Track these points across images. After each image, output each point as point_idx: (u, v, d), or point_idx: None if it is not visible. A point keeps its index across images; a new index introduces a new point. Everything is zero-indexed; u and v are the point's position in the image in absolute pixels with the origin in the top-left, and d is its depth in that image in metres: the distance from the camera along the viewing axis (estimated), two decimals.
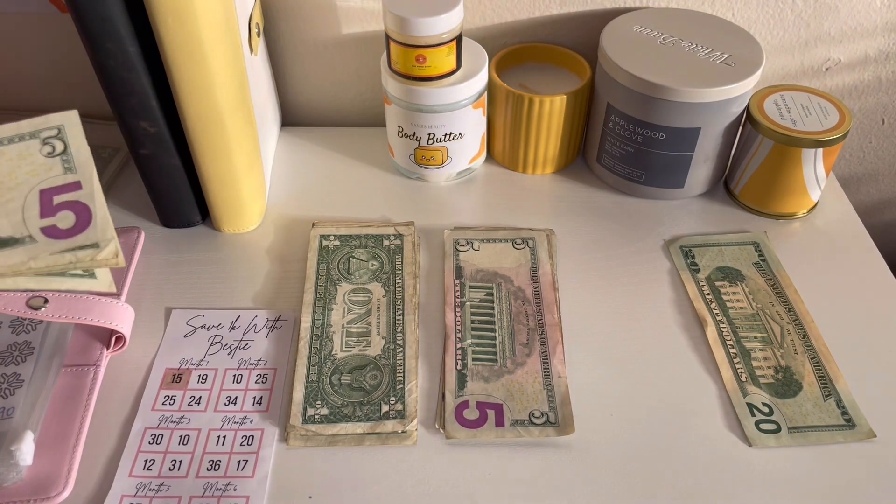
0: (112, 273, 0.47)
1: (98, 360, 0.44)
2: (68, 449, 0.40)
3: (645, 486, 0.39)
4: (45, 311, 0.42)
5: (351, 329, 0.46)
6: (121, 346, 0.45)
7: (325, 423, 0.41)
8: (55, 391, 0.42)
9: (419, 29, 0.47)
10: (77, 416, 0.41)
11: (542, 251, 0.51)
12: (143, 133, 0.46)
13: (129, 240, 0.51)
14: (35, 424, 0.40)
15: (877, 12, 0.57)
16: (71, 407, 0.42)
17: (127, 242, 0.51)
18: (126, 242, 0.51)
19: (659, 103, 0.49)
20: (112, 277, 0.40)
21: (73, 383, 0.43)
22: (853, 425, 0.41)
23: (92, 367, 0.43)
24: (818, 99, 0.52)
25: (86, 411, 0.42)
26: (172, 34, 0.41)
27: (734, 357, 0.45)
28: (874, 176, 0.70)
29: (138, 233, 0.52)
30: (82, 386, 0.43)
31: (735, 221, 0.54)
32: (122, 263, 0.37)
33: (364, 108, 0.64)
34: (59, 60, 0.59)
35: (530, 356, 0.45)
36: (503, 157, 0.58)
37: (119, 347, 0.45)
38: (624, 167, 0.54)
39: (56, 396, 0.42)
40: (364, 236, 0.52)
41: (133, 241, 0.51)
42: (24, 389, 0.41)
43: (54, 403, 0.42)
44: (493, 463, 0.40)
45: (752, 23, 0.57)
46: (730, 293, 0.49)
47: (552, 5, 0.57)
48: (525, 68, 0.58)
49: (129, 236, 0.51)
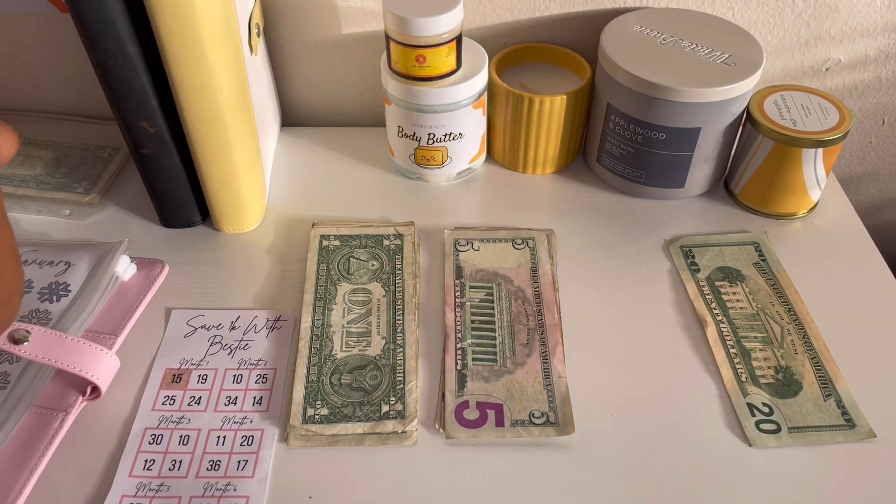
0: (124, 305, 0.47)
1: (69, 407, 0.41)
2: (9, 499, 0.37)
3: (645, 486, 0.39)
4: (26, 347, 0.40)
5: (351, 329, 0.46)
6: (96, 395, 0.42)
7: (325, 424, 0.41)
8: (16, 432, 0.40)
9: (419, 29, 0.47)
10: (29, 464, 0.39)
11: (542, 251, 0.51)
12: (143, 133, 0.46)
13: (152, 273, 0.49)
14: None
15: (877, 12, 0.57)
16: (26, 451, 0.39)
17: (148, 275, 0.49)
18: (148, 275, 0.49)
19: (659, 103, 0.49)
20: None
21: (37, 427, 0.40)
22: (853, 425, 0.41)
23: (61, 413, 0.41)
24: (818, 99, 0.52)
25: (39, 461, 0.39)
26: (172, 34, 0.41)
27: (734, 357, 0.45)
28: (874, 176, 0.70)
29: (161, 266, 0.50)
30: (45, 431, 0.40)
31: (735, 221, 0.54)
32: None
33: (364, 108, 0.64)
34: (59, 60, 0.59)
35: (530, 356, 0.45)
36: (503, 157, 0.58)
37: (95, 397, 0.42)
38: (624, 167, 0.54)
39: (16, 436, 0.40)
40: (364, 236, 0.52)
41: (155, 274, 0.49)
42: None
43: (12, 444, 0.39)
44: (493, 463, 0.40)
45: (752, 23, 0.57)
46: (730, 293, 0.49)
47: (552, 5, 0.57)
48: (525, 68, 0.58)
49: (153, 269, 0.49)
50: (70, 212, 0.54)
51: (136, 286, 0.48)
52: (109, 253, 0.48)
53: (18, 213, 0.54)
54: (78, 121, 0.62)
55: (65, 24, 0.56)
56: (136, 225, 0.54)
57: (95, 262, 0.47)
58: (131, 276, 0.49)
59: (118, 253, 0.48)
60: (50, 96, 0.62)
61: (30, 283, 0.46)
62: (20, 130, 0.60)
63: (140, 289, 0.48)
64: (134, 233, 0.53)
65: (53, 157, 0.58)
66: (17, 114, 0.62)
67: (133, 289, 0.48)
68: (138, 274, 0.49)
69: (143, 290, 0.48)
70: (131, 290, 0.48)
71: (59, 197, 0.55)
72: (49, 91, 0.61)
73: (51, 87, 0.61)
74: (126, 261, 0.48)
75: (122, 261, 0.48)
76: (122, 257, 0.48)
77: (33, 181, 0.56)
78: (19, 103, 0.62)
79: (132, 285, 0.48)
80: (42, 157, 0.58)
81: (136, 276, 0.49)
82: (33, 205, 0.55)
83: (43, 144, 0.59)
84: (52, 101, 0.62)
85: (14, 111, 0.63)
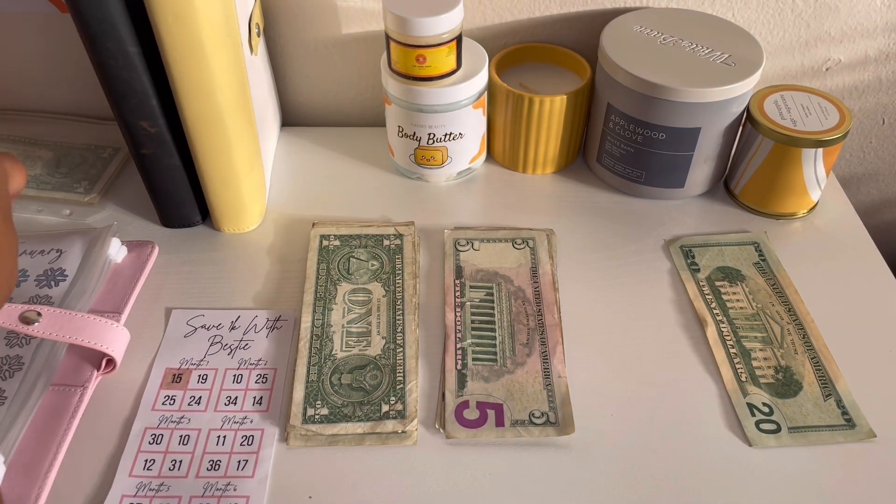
0: (121, 285, 0.48)
1: (86, 382, 0.42)
2: (40, 474, 0.38)
3: (645, 486, 0.39)
4: (38, 327, 0.41)
5: (351, 329, 0.46)
6: (111, 368, 0.44)
7: (325, 423, 0.41)
8: (38, 410, 0.41)
9: (419, 29, 0.47)
10: (55, 439, 0.40)
11: (542, 251, 0.51)
12: (143, 133, 0.46)
13: (142, 254, 0.50)
14: (9, 447, 0.39)
15: (877, 12, 0.57)
16: (51, 429, 0.40)
17: (139, 256, 0.50)
18: (139, 256, 0.50)
19: (659, 103, 0.49)
20: None
21: (57, 403, 0.41)
22: (853, 425, 0.41)
23: (79, 388, 0.42)
24: (818, 99, 0.52)
25: (65, 434, 0.40)
26: (172, 34, 0.41)
27: (734, 357, 0.45)
28: (874, 176, 0.70)
29: (152, 247, 0.51)
30: (66, 407, 0.41)
31: (735, 221, 0.54)
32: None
33: (364, 108, 0.64)
34: (59, 60, 0.59)
35: (530, 356, 0.45)
36: (503, 157, 0.58)
37: (109, 370, 0.44)
38: (624, 167, 0.54)
39: (38, 416, 0.41)
40: (364, 236, 0.52)
41: (146, 255, 0.50)
42: (4, 408, 0.40)
43: (36, 422, 0.40)
44: (493, 463, 0.40)
45: (752, 23, 0.57)
46: (730, 293, 0.49)
47: (552, 5, 0.57)
48: (525, 68, 0.58)
49: (143, 250, 0.51)
50: (70, 212, 0.54)
51: (130, 267, 0.49)
52: (101, 237, 0.49)
53: (18, 213, 0.54)
54: (78, 121, 0.62)
55: (65, 24, 0.56)
56: (136, 225, 0.54)
57: (87, 246, 0.48)
58: (123, 257, 0.50)
59: (109, 236, 0.49)
60: (50, 96, 0.62)
61: (24, 272, 0.47)
62: (20, 130, 0.61)
63: (134, 269, 0.49)
64: (134, 233, 0.53)
65: (53, 157, 0.58)
66: (17, 114, 0.62)
67: (126, 269, 0.49)
68: (129, 255, 0.50)
69: (137, 270, 0.49)
70: (125, 271, 0.49)
71: (59, 197, 0.55)
72: (49, 91, 0.61)
73: (51, 87, 0.61)
74: (117, 243, 0.49)
75: (114, 243, 0.49)
76: (113, 240, 0.49)
77: (33, 181, 0.56)
78: (19, 103, 0.62)
79: (125, 266, 0.50)
80: (42, 157, 0.58)
81: (127, 257, 0.50)
82: (33, 205, 0.55)
83: (43, 144, 0.59)
84: (52, 101, 0.62)
85: (14, 111, 0.63)
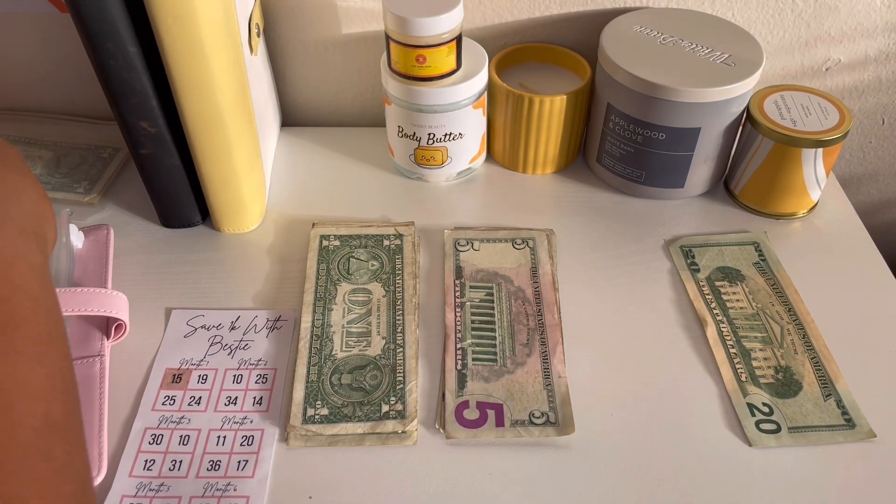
0: (93, 268, 0.49)
1: (101, 350, 0.44)
2: (94, 434, 0.41)
3: (645, 486, 0.39)
4: None
5: (351, 329, 0.46)
6: (121, 334, 0.45)
7: (325, 424, 0.41)
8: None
9: (419, 29, 0.47)
10: (95, 403, 0.42)
11: (542, 251, 0.51)
12: (143, 133, 0.46)
13: (100, 237, 0.51)
14: None
15: (877, 12, 0.57)
16: (88, 396, 0.42)
17: (98, 239, 0.51)
18: (97, 239, 0.51)
19: (659, 103, 0.49)
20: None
21: (84, 374, 0.43)
22: (853, 425, 0.41)
23: (97, 358, 0.44)
24: (818, 99, 0.52)
25: (101, 397, 0.42)
26: (172, 34, 0.41)
27: (734, 357, 0.45)
28: (874, 176, 0.70)
29: (107, 230, 0.52)
30: (93, 375, 0.43)
31: (735, 221, 0.54)
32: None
33: (364, 108, 0.64)
34: (59, 60, 0.59)
35: (530, 356, 0.45)
36: (503, 157, 0.58)
37: (119, 336, 0.45)
38: (624, 167, 0.54)
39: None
40: (364, 236, 0.52)
41: (104, 237, 0.51)
42: None
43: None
44: (493, 463, 0.40)
45: (752, 23, 0.57)
46: (730, 293, 0.49)
47: (552, 5, 0.57)
48: (525, 68, 0.58)
49: (99, 233, 0.52)
50: (70, 212, 0.54)
51: (93, 250, 0.51)
52: (59, 226, 0.49)
53: None
54: (78, 121, 0.62)
55: (65, 24, 0.56)
56: (136, 225, 0.54)
57: None
58: (83, 242, 0.51)
59: (67, 223, 0.49)
60: (50, 96, 0.62)
61: None
62: (20, 130, 0.61)
63: (99, 251, 0.50)
64: (134, 233, 0.53)
65: (53, 157, 0.58)
66: (17, 114, 0.62)
67: (91, 252, 0.50)
68: (88, 240, 0.51)
69: (102, 251, 0.50)
70: (89, 253, 0.50)
71: (59, 197, 0.55)
72: (49, 91, 0.61)
73: (51, 87, 0.61)
74: (75, 229, 0.50)
75: (73, 229, 0.50)
76: (71, 226, 0.50)
77: None
78: (19, 103, 0.62)
79: (87, 250, 0.50)
80: (42, 157, 0.58)
81: (87, 242, 0.51)
82: None
83: (43, 144, 0.59)
84: (52, 101, 0.62)
85: (14, 111, 0.63)
